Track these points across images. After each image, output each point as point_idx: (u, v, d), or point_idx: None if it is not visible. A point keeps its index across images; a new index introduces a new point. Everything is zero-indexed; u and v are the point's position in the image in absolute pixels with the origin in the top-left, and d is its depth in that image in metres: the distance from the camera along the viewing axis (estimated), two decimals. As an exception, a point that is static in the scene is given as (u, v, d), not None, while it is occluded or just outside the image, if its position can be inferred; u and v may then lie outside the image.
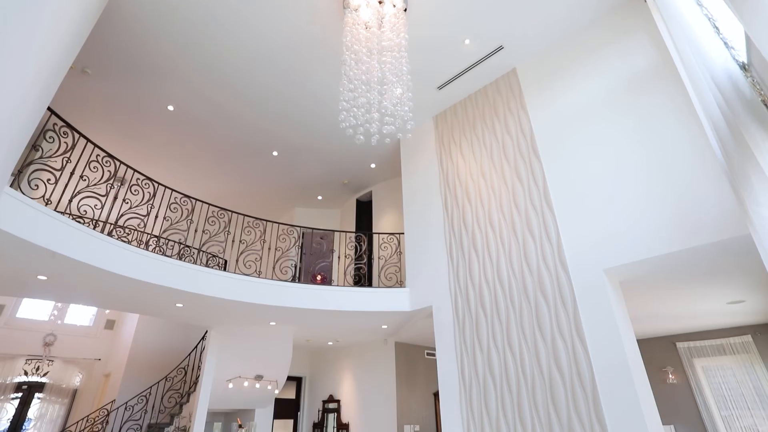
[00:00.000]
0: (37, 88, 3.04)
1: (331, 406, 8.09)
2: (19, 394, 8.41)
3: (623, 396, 3.43)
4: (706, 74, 2.15)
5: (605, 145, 4.25)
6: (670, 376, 7.67)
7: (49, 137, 4.15)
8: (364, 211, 8.68)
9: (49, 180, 4.11)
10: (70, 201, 4.26)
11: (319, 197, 8.94)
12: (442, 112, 6.27)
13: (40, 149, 4.16)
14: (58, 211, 3.63)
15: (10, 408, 8.26)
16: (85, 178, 4.50)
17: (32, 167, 4.12)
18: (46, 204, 3.68)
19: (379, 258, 7.09)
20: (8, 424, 8.14)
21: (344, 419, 7.74)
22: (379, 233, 6.72)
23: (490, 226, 4.94)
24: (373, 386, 7.49)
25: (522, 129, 5.07)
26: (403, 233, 6.23)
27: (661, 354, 7.94)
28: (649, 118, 4.01)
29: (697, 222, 3.43)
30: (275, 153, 7.33)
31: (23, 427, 8.31)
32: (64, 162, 4.16)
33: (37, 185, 4.11)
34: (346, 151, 7.26)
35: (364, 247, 6.89)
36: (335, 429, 7.77)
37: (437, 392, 7.84)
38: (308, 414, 8.57)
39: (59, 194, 4.27)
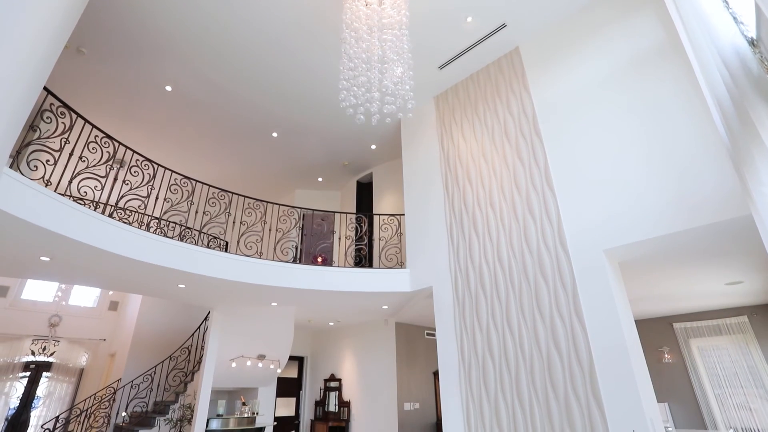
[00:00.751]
0: (31, 66, 2.99)
1: (333, 384, 8.26)
2: (27, 373, 8.59)
3: (620, 375, 3.49)
4: (713, 50, 2.10)
5: (608, 126, 4.21)
6: (666, 355, 7.80)
7: (47, 117, 4.11)
8: (365, 192, 8.67)
9: (48, 161, 4.09)
10: (70, 182, 4.25)
11: (320, 179, 8.91)
12: (443, 92, 6.19)
13: (38, 130, 4.13)
14: (58, 193, 3.62)
15: (20, 386, 8.46)
16: (84, 159, 4.48)
17: (31, 148, 4.09)
18: (46, 185, 3.68)
19: (379, 239, 7.11)
20: (18, 401, 8.35)
21: (345, 397, 7.92)
22: (379, 214, 6.73)
23: (491, 206, 4.94)
24: (373, 365, 7.63)
25: (524, 109, 5.01)
26: (403, 214, 6.24)
27: (658, 334, 8.06)
28: (652, 98, 3.96)
29: (698, 203, 3.42)
30: (275, 134, 7.27)
31: (33, 405, 8.51)
32: (63, 143, 4.12)
33: (36, 166, 4.09)
34: (346, 132, 7.19)
35: (364, 229, 6.90)
36: (336, 406, 7.95)
37: (437, 371, 7.99)
38: (310, 392, 8.76)
39: (59, 175, 4.26)
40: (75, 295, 9.59)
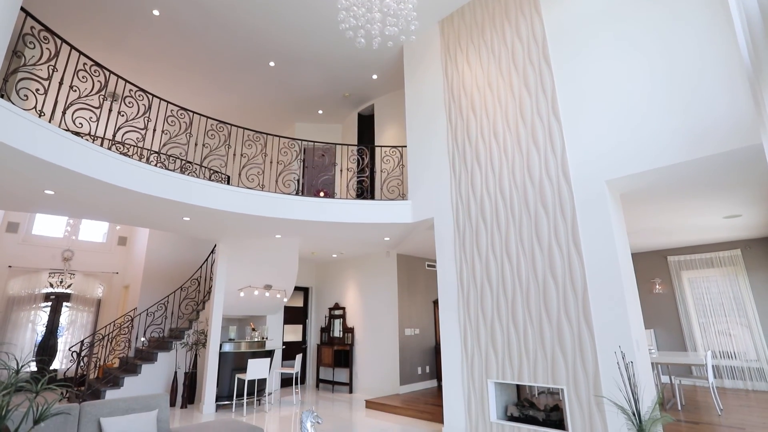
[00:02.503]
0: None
1: (337, 312, 8.72)
2: (49, 303, 9.09)
3: (612, 302, 3.65)
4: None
5: (620, 51, 3.99)
6: (658, 286, 8.11)
7: (30, 42, 3.91)
8: (366, 125, 8.47)
9: (38, 90, 3.97)
10: (64, 113, 4.15)
11: (320, 111, 8.66)
12: (448, 16, 5.78)
13: (23, 56, 3.95)
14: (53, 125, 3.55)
15: (43, 315, 9.00)
16: (75, 88, 4.34)
17: (18, 76, 3.95)
18: (40, 116, 3.59)
19: (381, 171, 7.07)
20: (44, 329, 8.94)
21: (349, 324, 8.41)
22: (381, 146, 6.62)
23: (494, 137, 4.85)
24: (376, 295, 8.00)
25: (534, 33, 4.72)
26: (405, 146, 6.14)
27: (652, 266, 8.31)
28: (670, 21, 3.72)
29: (705, 132, 3.35)
30: (272, 63, 6.93)
31: (58, 332, 9.12)
32: (51, 71, 3.97)
33: (26, 95, 3.97)
34: (346, 60, 6.83)
35: (366, 161, 6.84)
36: (341, 332, 8.47)
37: (436, 300, 8.39)
38: (316, 320, 9.28)
39: (51, 106, 4.14)
40: (84, 231, 9.82)
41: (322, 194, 7.29)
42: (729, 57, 3.34)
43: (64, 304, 9.31)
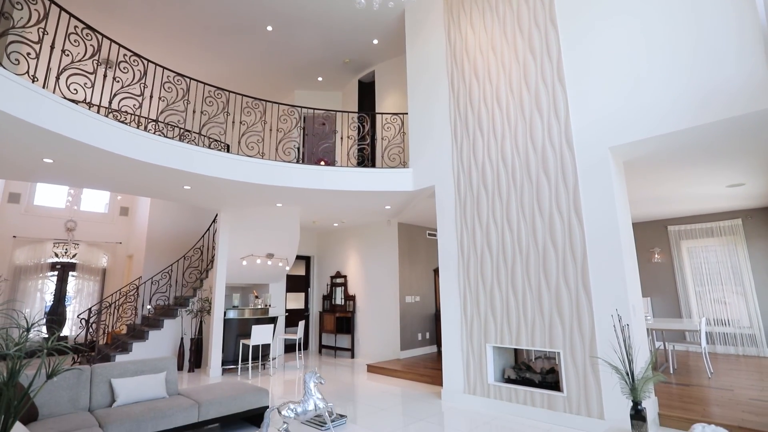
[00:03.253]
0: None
1: (339, 281, 8.86)
2: (55, 273, 9.23)
3: (611, 268, 3.69)
4: None
5: (626, 13, 3.84)
6: (657, 256, 8.18)
7: (17, 3, 3.77)
8: (367, 93, 8.29)
9: (29, 54, 3.87)
10: (57, 78, 4.06)
11: (320, 78, 8.45)
12: (452, -25, 5.54)
13: (11, 18, 3.82)
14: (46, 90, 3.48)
15: (51, 284, 9.16)
16: (68, 53, 4.23)
17: (8, 39, 3.83)
18: (33, 81, 3.52)
19: (382, 139, 6.99)
20: (53, 297, 9.12)
21: (351, 292, 8.55)
22: (382, 113, 6.50)
23: (497, 104, 4.76)
24: (377, 263, 8.09)
25: (542, -7, 4.53)
26: (406, 113, 6.04)
27: (652, 236, 8.35)
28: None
29: (709, 96, 3.27)
30: (270, 28, 6.70)
31: (66, 301, 9.32)
32: (41, 33, 3.84)
33: (17, 60, 3.88)
34: (346, 22, 6.60)
35: (366, 128, 6.75)
36: (343, 300, 8.64)
37: (437, 269, 8.50)
38: (318, 288, 9.44)
39: (44, 72, 4.05)
40: (85, 202, 9.84)
41: (322, 163, 7.25)
42: (742, 18, 3.21)
43: (70, 273, 9.46)
